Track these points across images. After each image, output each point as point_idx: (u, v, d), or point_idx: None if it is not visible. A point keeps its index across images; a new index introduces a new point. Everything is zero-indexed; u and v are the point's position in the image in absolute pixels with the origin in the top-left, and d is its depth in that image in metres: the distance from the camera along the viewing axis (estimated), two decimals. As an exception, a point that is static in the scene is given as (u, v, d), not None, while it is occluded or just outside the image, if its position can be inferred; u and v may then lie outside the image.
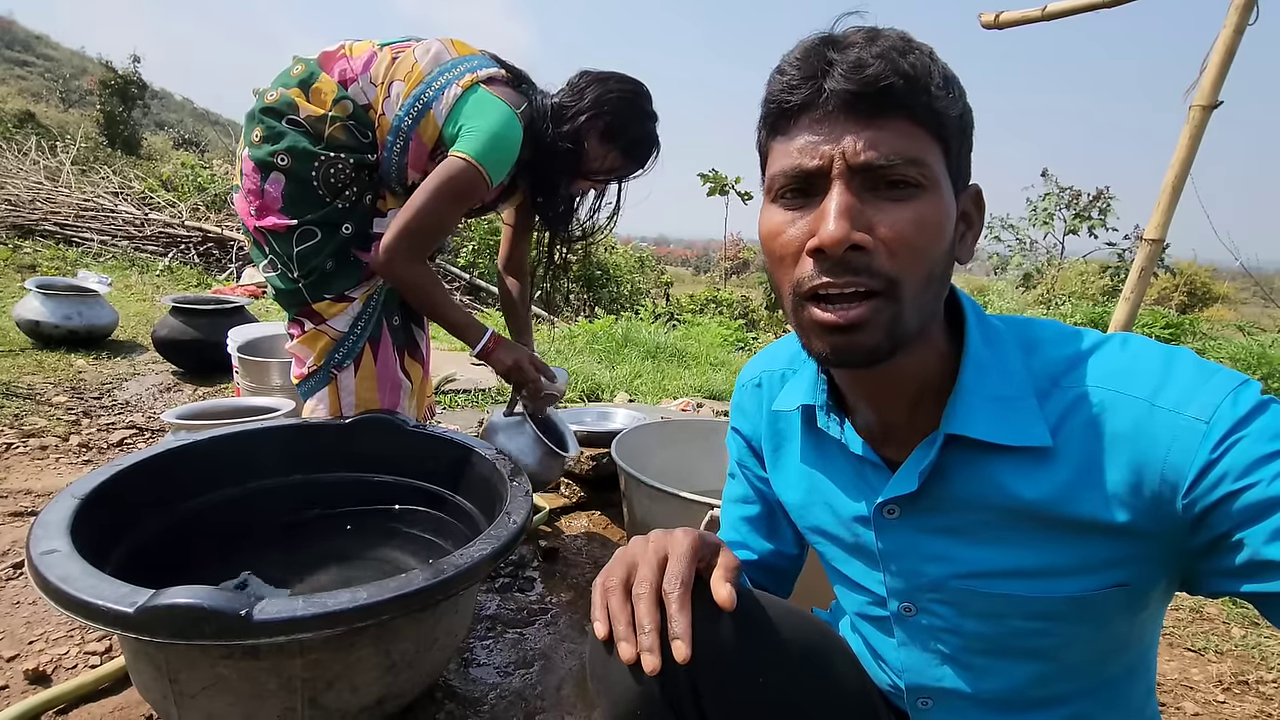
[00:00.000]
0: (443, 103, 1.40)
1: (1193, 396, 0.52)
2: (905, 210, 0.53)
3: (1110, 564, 0.56)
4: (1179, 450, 0.51)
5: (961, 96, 0.56)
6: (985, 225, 0.66)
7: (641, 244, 13.00)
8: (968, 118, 0.57)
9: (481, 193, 1.39)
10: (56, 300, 3.16)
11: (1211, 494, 0.49)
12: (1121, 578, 0.57)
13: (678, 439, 1.95)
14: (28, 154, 7.77)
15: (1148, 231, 1.94)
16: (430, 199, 1.35)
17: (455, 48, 1.47)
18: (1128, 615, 0.60)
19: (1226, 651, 1.59)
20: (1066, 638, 0.60)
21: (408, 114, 1.41)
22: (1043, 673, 0.63)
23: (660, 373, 3.87)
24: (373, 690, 0.98)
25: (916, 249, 0.53)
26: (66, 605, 0.81)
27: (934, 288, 0.57)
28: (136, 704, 1.10)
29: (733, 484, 0.87)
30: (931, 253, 0.54)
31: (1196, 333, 6.77)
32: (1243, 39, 1.78)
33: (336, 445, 1.46)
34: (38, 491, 1.81)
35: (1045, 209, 12.50)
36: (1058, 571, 0.58)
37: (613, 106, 1.45)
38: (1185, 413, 0.51)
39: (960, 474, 0.60)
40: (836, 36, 0.55)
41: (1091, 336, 0.59)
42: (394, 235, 1.37)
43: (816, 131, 0.54)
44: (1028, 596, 0.59)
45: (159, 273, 5.81)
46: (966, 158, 0.58)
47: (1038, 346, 0.60)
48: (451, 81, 1.40)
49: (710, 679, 0.60)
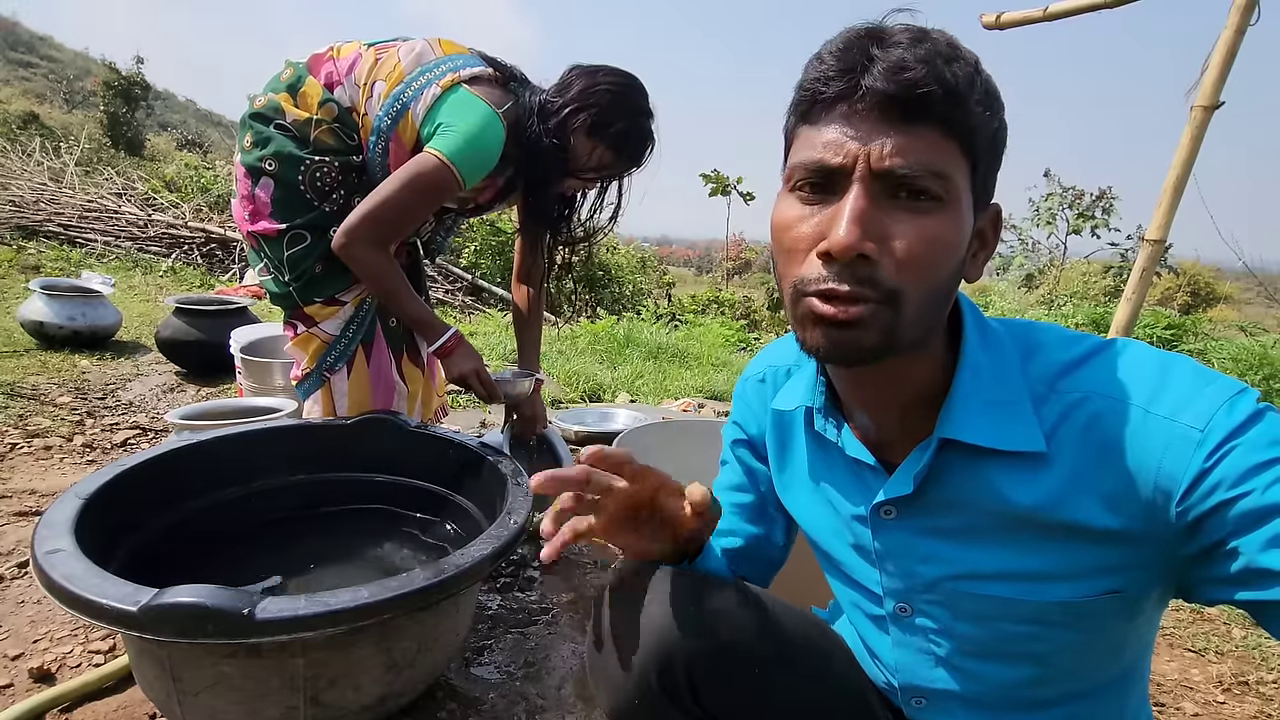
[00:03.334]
0: (421, 103, 1.38)
1: (1188, 404, 0.52)
2: (920, 224, 0.52)
3: (1102, 570, 0.56)
4: (1173, 458, 0.51)
5: (999, 113, 0.55)
6: None
7: (643, 244, 12.99)
8: (1001, 136, 0.56)
9: (452, 191, 1.36)
10: (60, 301, 3.18)
11: (1205, 502, 0.49)
12: (1114, 585, 0.57)
13: (679, 439, 1.96)
14: (32, 155, 7.80)
15: (1149, 232, 1.94)
16: (396, 190, 1.33)
17: (441, 47, 1.46)
18: (1121, 621, 0.60)
19: (1227, 652, 1.59)
20: (1058, 642, 0.60)
21: (387, 114, 1.41)
22: (1035, 676, 0.63)
23: (662, 373, 3.87)
24: (374, 689, 0.98)
25: (924, 265, 0.52)
26: (71, 604, 0.82)
27: (937, 304, 0.56)
28: (140, 702, 1.11)
29: (725, 471, 0.88)
30: (939, 271, 0.54)
31: (1199, 333, 6.74)
32: (1244, 40, 1.79)
33: (339, 446, 1.47)
34: (42, 491, 1.82)
35: (1048, 209, 12.47)
36: (1049, 576, 0.58)
37: (599, 100, 1.40)
38: (1180, 420, 0.51)
39: (956, 477, 0.60)
40: (882, 32, 0.53)
41: (1090, 341, 0.59)
42: (356, 218, 1.35)
43: (845, 127, 0.52)
44: (1019, 600, 0.59)
45: (162, 273, 5.83)
46: (993, 176, 0.57)
47: (1036, 350, 0.60)
48: (432, 81, 1.39)
49: (707, 672, 0.61)
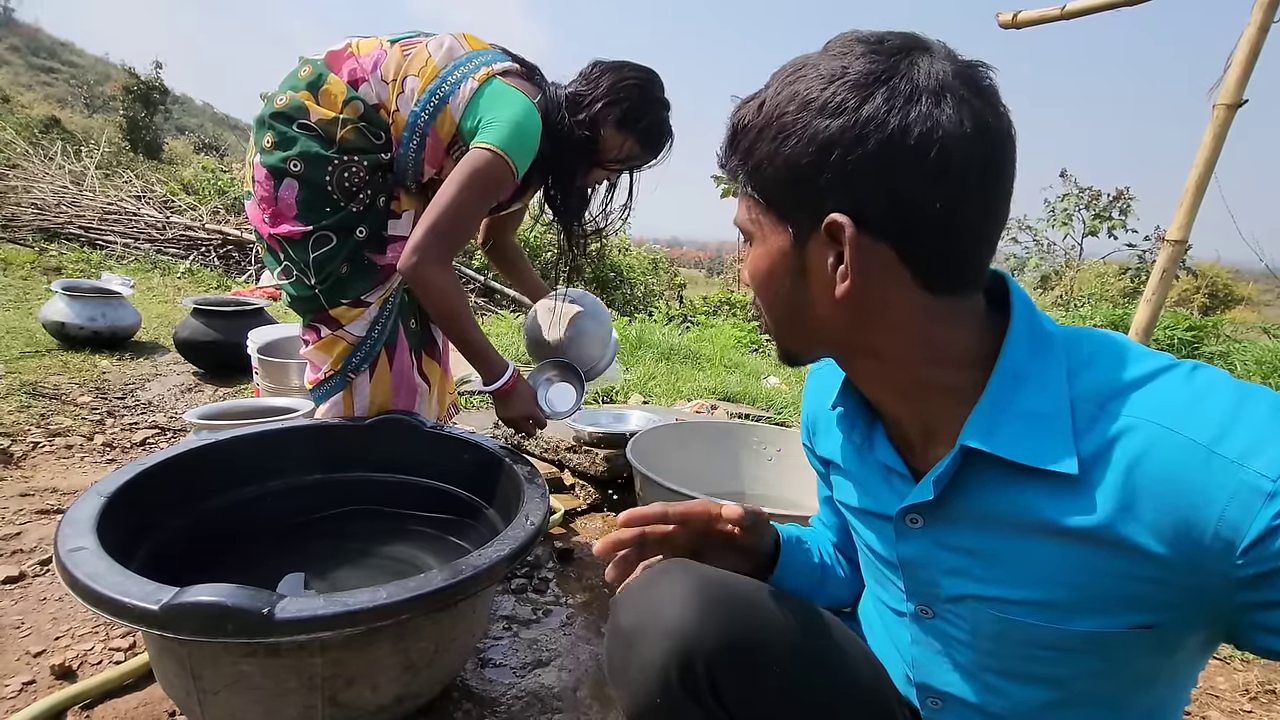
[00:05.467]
0: (459, 97, 1.38)
1: (1260, 449, 0.47)
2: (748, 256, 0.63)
3: (1133, 606, 0.53)
4: (1238, 508, 0.47)
5: (783, 141, 0.55)
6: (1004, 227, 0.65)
7: (654, 246, 13.01)
8: (793, 159, 0.54)
9: (508, 184, 1.36)
10: (81, 302, 3.22)
11: (1273, 561, 0.46)
12: (1146, 620, 0.53)
13: (692, 440, 1.95)
14: (54, 159, 7.92)
15: (1170, 232, 1.91)
16: (459, 193, 1.31)
17: (468, 42, 1.47)
18: (1155, 657, 0.56)
19: (1253, 660, 1.56)
20: (1081, 669, 0.58)
21: (424, 109, 1.40)
22: (1054, 699, 0.61)
23: (674, 374, 3.86)
24: (392, 689, 0.98)
25: (755, 291, 0.63)
26: (94, 602, 0.83)
27: (790, 327, 0.64)
28: (160, 700, 1.12)
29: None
30: (763, 295, 0.63)
31: (1220, 335, 6.63)
32: (1268, 37, 1.76)
33: (355, 446, 1.47)
34: (63, 490, 1.85)
35: (1064, 209, 12.33)
36: (1075, 607, 0.55)
37: (628, 93, 1.45)
38: (1250, 466, 0.46)
39: (981, 489, 0.58)
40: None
41: (1157, 360, 0.54)
42: (423, 234, 1.31)
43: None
44: (1043, 626, 0.57)
45: (180, 275, 5.90)
46: (797, 195, 0.56)
47: (1091, 363, 0.55)
48: (467, 75, 1.39)
49: (729, 669, 0.60)
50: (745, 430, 2.00)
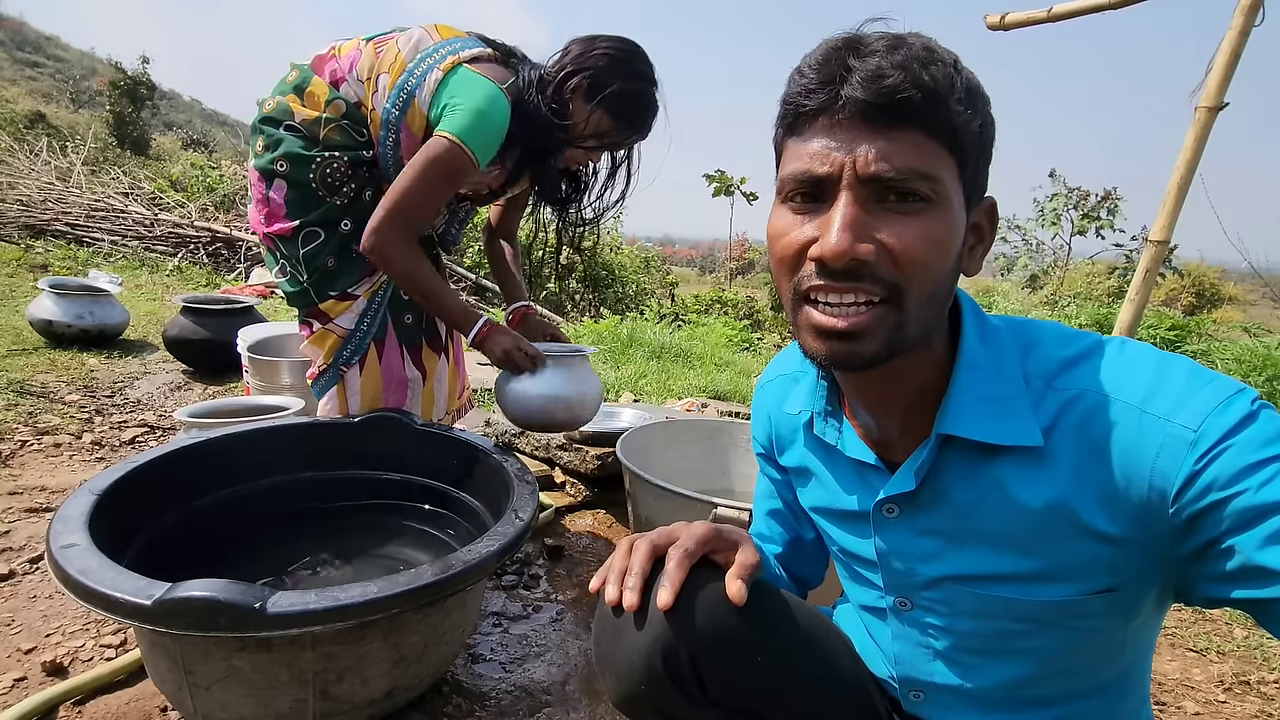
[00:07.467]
0: (425, 89, 1.39)
1: (1183, 404, 0.52)
2: (912, 225, 0.53)
3: (1097, 568, 0.57)
4: (1167, 458, 0.51)
5: (983, 109, 0.56)
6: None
7: (647, 244, 12.99)
8: (988, 131, 0.56)
9: (468, 171, 1.36)
10: (69, 300, 3.20)
11: (1199, 502, 0.50)
12: (1108, 583, 0.57)
13: (683, 438, 1.97)
14: (39, 155, 7.85)
15: (1153, 233, 1.94)
16: (413, 181, 1.34)
17: (439, 32, 1.46)
18: (1119, 621, 0.60)
19: (1228, 652, 1.59)
20: (1055, 640, 0.61)
21: (394, 105, 1.41)
22: (1032, 674, 0.64)
23: (665, 373, 3.88)
24: (382, 683, 1.00)
25: (920, 264, 0.53)
26: (86, 598, 0.83)
27: (938, 301, 0.57)
28: (152, 695, 1.12)
29: (759, 480, 0.91)
30: (936, 268, 0.55)
31: (1202, 334, 6.72)
32: (1248, 41, 1.79)
33: (346, 443, 1.48)
34: (52, 488, 1.84)
35: (1053, 209, 12.43)
36: (1046, 576, 0.59)
37: (594, 63, 1.40)
38: (1175, 420, 0.52)
39: (957, 474, 0.61)
40: (858, 41, 0.54)
41: (1089, 339, 0.60)
42: (379, 216, 1.35)
43: (830, 138, 0.54)
44: (1017, 599, 0.60)
45: (169, 272, 5.86)
46: (983, 171, 0.58)
47: (1034, 347, 0.60)
48: (433, 66, 1.39)
49: (711, 657, 0.62)
50: (735, 428, 2.02)
